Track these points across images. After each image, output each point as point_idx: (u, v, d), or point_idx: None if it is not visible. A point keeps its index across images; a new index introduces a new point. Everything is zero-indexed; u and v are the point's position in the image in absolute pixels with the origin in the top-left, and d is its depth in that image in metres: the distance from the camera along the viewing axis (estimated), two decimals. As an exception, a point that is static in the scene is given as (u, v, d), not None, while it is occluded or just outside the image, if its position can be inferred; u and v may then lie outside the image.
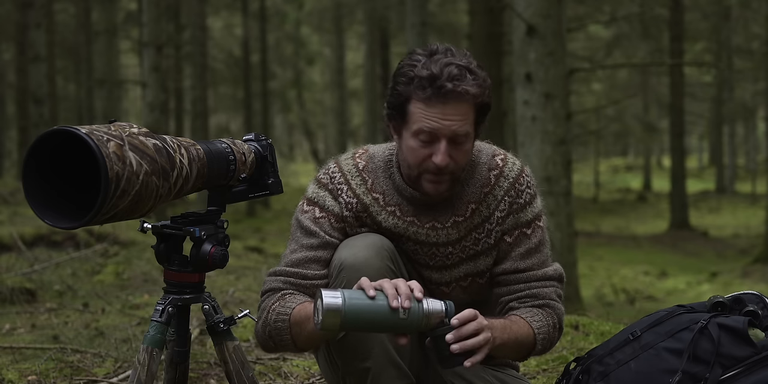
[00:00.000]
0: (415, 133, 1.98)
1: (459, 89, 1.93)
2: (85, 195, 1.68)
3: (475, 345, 1.82)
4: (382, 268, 1.95)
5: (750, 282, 12.86)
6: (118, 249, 6.66)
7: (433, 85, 1.93)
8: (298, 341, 2.00)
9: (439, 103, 1.94)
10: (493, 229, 2.13)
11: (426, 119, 1.96)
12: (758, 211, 21.17)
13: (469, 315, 1.83)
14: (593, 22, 17.25)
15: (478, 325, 1.83)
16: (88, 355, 3.39)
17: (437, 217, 2.11)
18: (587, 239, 17.62)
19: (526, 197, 2.15)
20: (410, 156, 2.02)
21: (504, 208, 2.13)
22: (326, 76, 36.74)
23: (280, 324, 1.99)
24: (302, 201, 2.17)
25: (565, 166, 7.39)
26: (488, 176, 2.14)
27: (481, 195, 2.13)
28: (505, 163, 2.16)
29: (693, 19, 23.52)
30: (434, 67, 1.93)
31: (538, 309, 2.11)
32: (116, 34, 21.09)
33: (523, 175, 2.16)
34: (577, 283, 7.97)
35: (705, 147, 42.00)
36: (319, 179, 2.17)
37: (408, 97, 1.97)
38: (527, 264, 2.14)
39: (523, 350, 2.08)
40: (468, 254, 2.14)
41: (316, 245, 2.08)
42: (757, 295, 2.16)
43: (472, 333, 1.82)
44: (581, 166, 31.56)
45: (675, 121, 20.21)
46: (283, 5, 27.91)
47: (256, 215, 21.22)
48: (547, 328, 2.09)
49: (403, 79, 1.97)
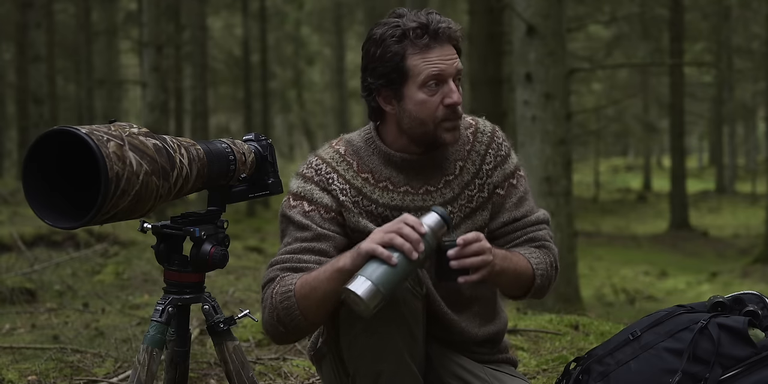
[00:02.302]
0: (423, 83, 2.03)
1: (452, 27, 2.05)
2: (85, 195, 1.68)
3: (473, 264, 1.91)
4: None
5: (750, 282, 12.86)
6: (118, 249, 6.66)
7: (428, 30, 2.02)
8: (309, 315, 1.97)
9: (437, 45, 2.03)
10: (485, 183, 2.20)
11: (431, 65, 2.03)
12: (758, 211, 21.17)
13: (473, 237, 1.92)
14: (593, 22, 17.28)
15: (480, 247, 1.92)
16: (88, 355, 3.39)
17: (428, 180, 2.15)
18: (587, 239, 17.63)
19: (505, 149, 2.24)
20: (422, 110, 2.06)
21: (490, 160, 2.21)
22: (326, 76, 36.75)
23: (287, 303, 1.97)
24: (287, 197, 2.16)
25: (565, 166, 7.39)
26: (466, 134, 2.22)
27: (465, 152, 2.20)
28: (476, 122, 2.26)
29: (693, 19, 23.53)
30: (420, 18, 2.04)
31: (535, 248, 2.19)
32: (116, 34, 21.18)
33: (496, 130, 2.26)
34: (577, 283, 7.97)
35: (705, 147, 42.01)
36: (302, 174, 2.16)
37: (402, 54, 2.03)
38: (521, 212, 2.22)
39: (523, 283, 2.14)
40: (465, 213, 2.18)
41: (310, 238, 2.08)
42: (757, 295, 2.17)
43: (473, 253, 1.91)
44: (581, 166, 31.55)
45: (675, 121, 20.21)
46: (283, 5, 27.93)
47: (256, 215, 21.23)
48: (545, 266, 2.16)
49: (393, 39, 2.03)
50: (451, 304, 2.17)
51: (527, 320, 3.86)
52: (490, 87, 10.61)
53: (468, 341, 2.21)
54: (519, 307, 4.65)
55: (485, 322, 2.24)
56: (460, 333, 2.18)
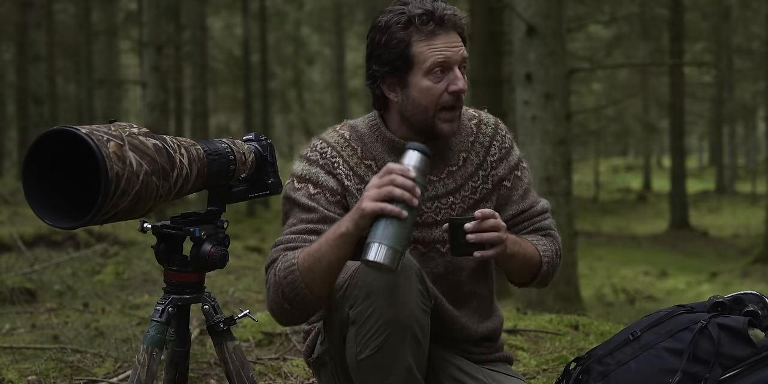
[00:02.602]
0: (429, 69, 2.03)
1: (457, 14, 2.04)
2: (85, 195, 1.68)
3: (489, 239, 1.93)
4: (414, 292, 1.91)
5: (750, 282, 12.86)
6: (118, 249, 6.66)
7: (434, 17, 2.02)
8: (314, 287, 1.93)
9: (443, 32, 2.03)
10: (489, 174, 2.20)
11: (437, 52, 2.02)
12: (758, 211, 21.17)
13: (490, 212, 1.95)
14: (593, 22, 17.27)
15: (496, 223, 1.94)
16: (88, 355, 3.39)
17: (431, 170, 2.14)
18: (587, 239, 17.62)
19: (508, 141, 2.25)
20: (426, 97, 2.05)
21: (495, 152, 2.22)
22: (326, 76, 36.75)
23: (291, 277, 1.94)
24: (291, 179, 2.13)
25: (565, 166, 7.39)
26: (469, 125, 2.22)
27: (468, 144, 2.20)
28: (479, 114, 2.26)
29: (693, 19, 23.53)
30: (426, 4, 2.03)
31: (542, 236, 2.22)
32: (116, 34, 21.19)
33: (499, 122, 2.27)
34: (577, 283, 7.97)
35: (705, 147, 42.01)
36: (307, 156, 2.13)
37: (408, 41, 2.02)
38: (528, 203, 2.24)
39: (531, 268, 2.16)
40: (469, 204, 2.17)
41: (316, 219, 2.06)
42: (757, 295, 2.17)
43: (490, 228, 1.93)
44: (581, 166, 31.56)
45: (675, 121, 20.22)
46: (283, 5, 27.93)
47: (256, 215, 21.24)
48: (551, 254, 2.19)
49: (398, 26, 2.02)
50: (451, 300, 2.17)
51: (527, 320, 3.86)
52: (490, 87, 10.61)
53: (468, 339, 2.21)
54: (519, 307, 4.65)
55: (483, 318, 2.24)
56: (461, 329, 2.18)
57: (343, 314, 1.94)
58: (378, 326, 1.88)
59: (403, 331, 1.89)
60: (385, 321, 1.88)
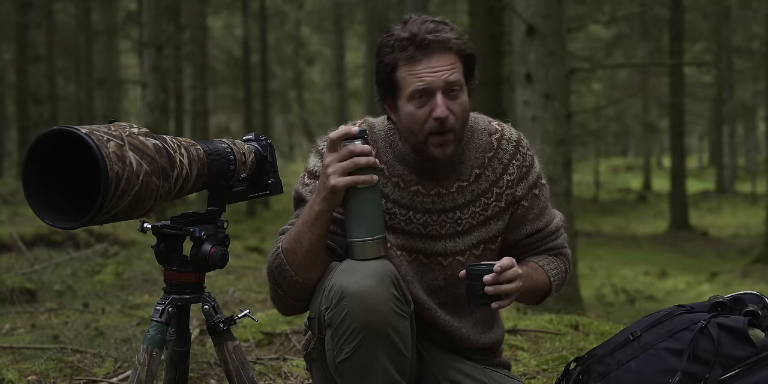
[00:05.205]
0: (410, 95, 1.99)
1: (439, 38, 1.98)
2: (85, 195, 1.68)
3: (508, 291, 1.94)
4: (386, 296, 1.91)
5: (750, 282, 12.86)
6: (118, 249, 6.66)
7: (414, 41, 1.97)
8: (299, 270, 1.99)
9: (424, 57, 1.98)
10: (503, 193, 2.16)
11: (416, 78, 1.98)
12: (758, 211, 21.16)
13: (508, 263, 1.95)
14: (593, 22, 17.27)
15: (514, 274, 1.95)
16: (88, 355, 3.39)
17: (441, 183, 2.12)
18: (587, 239, 17.60)
19: (529, 159, 2.21)
20: (411, 122, 2.02)
21: (513, 171, 2.17)
22: (326, 76, 36.76)
23: (277, 261, 2.01)
24: (303, 173, 2.16)
25: (565, 166, 7.39)
26: (489, 141, 2.17)
27: (485, 160, 2.15)
28: (503, 128, 2.21)
29: (693, 19, 23.52)
30: (412, 28, 1.99)
31: (553, 257, 2.22)
32: (116, 34, 21.16)
33: (522, 138, 2.23)
34: (577, 283, 7.96)
35: (705, 147, 42.00)
36: (321, 151, 2.14)
37: (393, 65, 2.00)
38: (542, 223, 2.21)
39: (539, 296, 2.19)
40: (478, 220, 2.15)
41: None
42: (757, 295, 2.17)
43: (508, 280, 1.94)
44: (581, 166, 31.54)
45: (675, 121, 20.21)
46: (283, 5, 27.93)
47: (256, 215, 21.21)
48: (560, 275, 2.21)
49: (386, 49, 2.01)
50: (452, 311, 2.16)
51: (527, 320, 3.86)
52: (490, 87, 10.61)
53: (468, 348, 2.22)
54: (519, 307, 4.64)
55: (487, 328, 2.25)
56: (461, 339, 2.19)
57: (321, 316, 1.96)
58: (351, 330, 1.89)
59: (376, 335, 1.89)
60: (358, 325, 1.89)
